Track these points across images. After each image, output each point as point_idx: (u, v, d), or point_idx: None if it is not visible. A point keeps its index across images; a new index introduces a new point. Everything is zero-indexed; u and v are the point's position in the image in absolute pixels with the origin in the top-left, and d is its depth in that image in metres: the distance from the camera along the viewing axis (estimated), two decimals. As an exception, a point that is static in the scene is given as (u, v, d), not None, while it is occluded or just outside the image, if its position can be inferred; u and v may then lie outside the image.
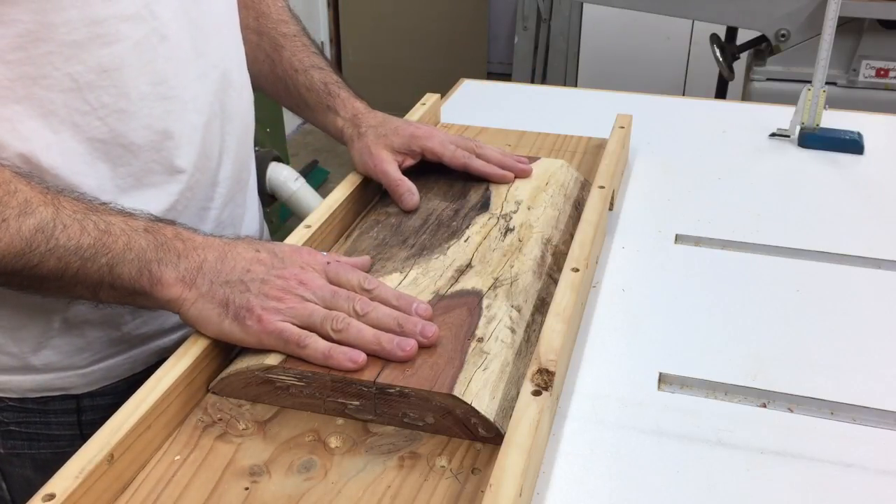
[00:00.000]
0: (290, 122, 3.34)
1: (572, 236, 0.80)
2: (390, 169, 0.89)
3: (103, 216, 0.64)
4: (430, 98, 1.16)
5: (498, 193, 0.89)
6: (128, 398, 0.60)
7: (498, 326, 0.68)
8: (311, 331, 0.63)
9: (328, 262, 0.68)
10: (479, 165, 0.91)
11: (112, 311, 0.74)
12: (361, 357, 0.62)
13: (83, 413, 0.77)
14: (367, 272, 0.72)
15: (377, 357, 0.63)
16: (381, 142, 0.91)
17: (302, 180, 2.30)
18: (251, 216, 0.89)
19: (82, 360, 0.75)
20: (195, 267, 0.64)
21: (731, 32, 2.26)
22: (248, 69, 0.86)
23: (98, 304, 0.66)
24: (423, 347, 0.64)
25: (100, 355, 0.76)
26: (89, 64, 0.65)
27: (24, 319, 0.71)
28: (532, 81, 3.75)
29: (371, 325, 0.64)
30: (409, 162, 0.92)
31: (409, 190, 0.87)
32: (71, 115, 0.66)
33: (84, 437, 0.56)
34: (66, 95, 0.65)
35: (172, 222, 0.68)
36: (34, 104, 0.64)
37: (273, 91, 0.97)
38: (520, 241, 0.80)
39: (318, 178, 3.15)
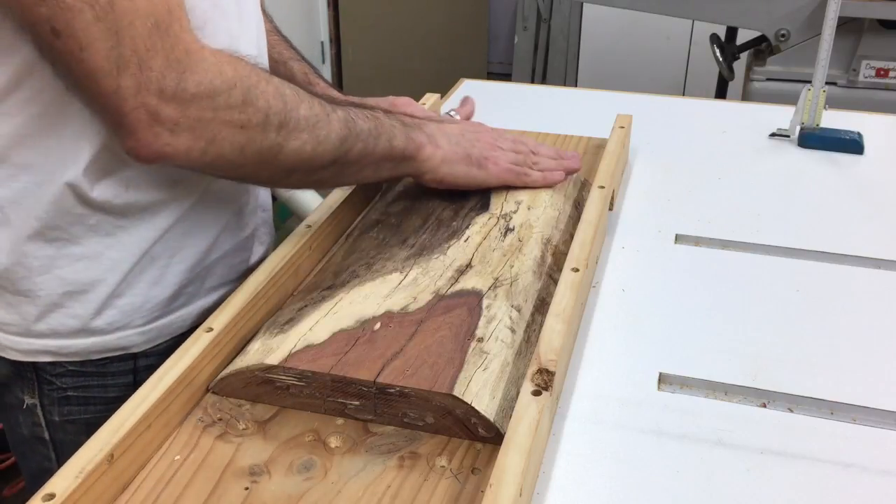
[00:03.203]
0: (290, 122, 3.34)
1: (572, 236, 0.81)
2: None
3: (361, 108, 0.78)
4: (430, 98, 1.16)
5: (498, 193, 0.89)
6: None
7: (498, 326, 0.68)
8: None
9: (491, 128, 0.91)
10: None
11: (164, 269, 0.77)
12: (562, 175, 0.90)
13: (139, 373, 0.80)
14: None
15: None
16: None
17: (302, 180, 2.29)
18: (265, 193, 0.92)
19: (141, 318, 0.78)
20: (431, 133, 0.82)
21: (731, 32, 2.26)
22: None
23: (376, 181, 0.82)
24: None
25: (157, 313, 0.79)
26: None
27: (89, 282, 0.74)
28: (532, 81, 3.75)
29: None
30: None
31: None
32: None
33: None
34: None
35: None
36: None
37: None
38: (520, 241, 0.80)
39: (318, 178, 3.14)
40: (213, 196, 0.79)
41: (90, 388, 0.79)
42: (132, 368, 0.79)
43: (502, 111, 1.29)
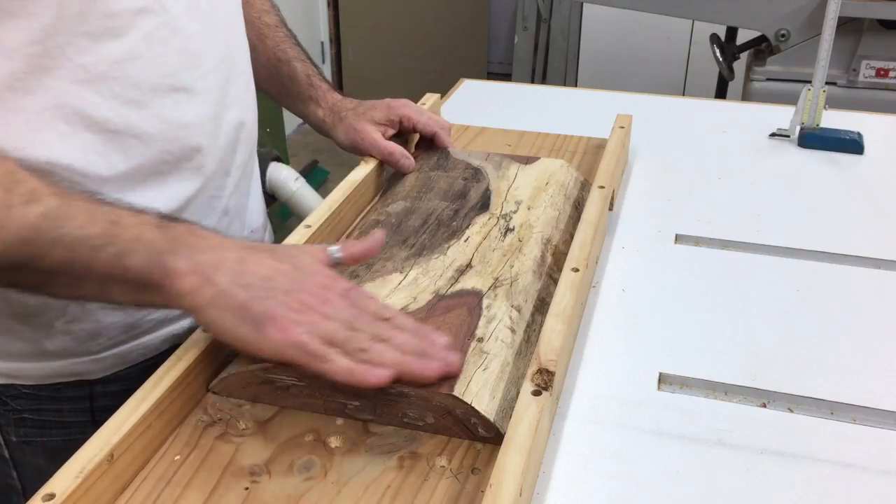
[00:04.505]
0: (290, 122, 3.34)
1: (572, 236, 0.81)
2: (378, 138, 0.96)
3: (113, 209, 0.62)
4: (430, 98, 1.16)
5: (498, 193, 0.89)
6: (140, 385, 0.60)
7: (498, 326, 0.68)
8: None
9: (349, 288, 0.65)
10: (446, 140, 1.00)
11: None
12: (386, 375, 0.59)
13: (96, 400, 0.78)
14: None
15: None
16: (362, 118, 0.98)
17: (302, 180, 2.30)
18: (254, 203, 0.90)
19: (96, 346, 0.76)
20: (212, 263, 0.61)
21: (731, 32, 2.26)
22: None
23: (108, 304, 0.65)
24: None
25: (114, 341, 0.76)
26: (101, 55, 0.66)
27: (38, 305, 0.72)
28: (532, 81, 3.75)
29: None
30: (391, 132, 0.99)
31: (403, 155, 0.95)
32: (84, 106, 0.67)
33: (96, 424, 0.56)
34: (79, 87, 0.66)
35: (186, 221, 0.65)
36: (48, 95, 0.65)
37: (255, 76, 0.99)
38: (520, 241, 0.80)
39: (318, 178, 3.15)
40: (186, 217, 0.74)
41: (45, 412, 0.77)
42: (88, 395, 0.77)
43: (502, 111, 1.29)
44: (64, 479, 0.53)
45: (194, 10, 0.73)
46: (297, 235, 0.81)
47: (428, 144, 1.02)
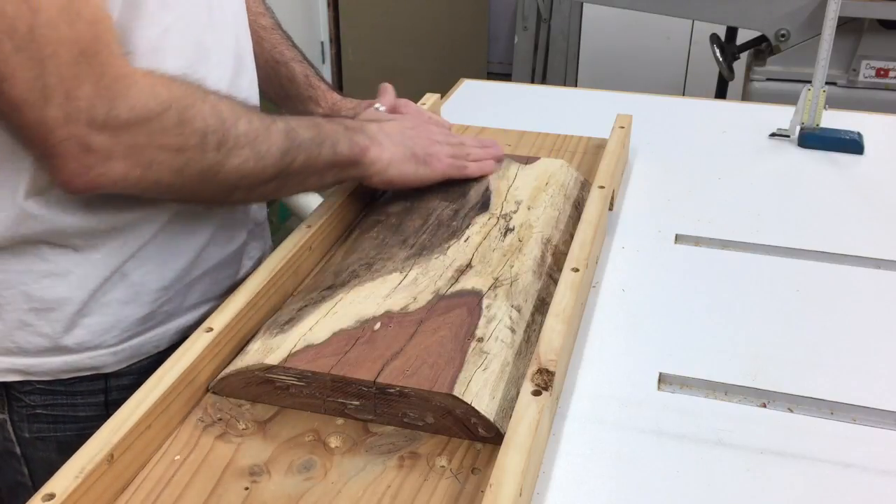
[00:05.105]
0: (290, 122, 3.34)
1: (572, 236, 0.81)
2: None
3: (305, 117, 0.79)
4: (430, 98, 1.16)
5: (498, 193, 0.89)
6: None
7: (498, 326, 0.68)
8: None
9: (428, 122, 0.93)
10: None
11: (139, 287, 0.76)
12: (491, 164, 0.92)
13: (110, 393, 0.78)
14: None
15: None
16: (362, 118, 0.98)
17: (302, 180, 2.29)
18: (257, 205, 0.90)
19: (112, 339, 0.76)
20: (373, 134, 0.82)
21: (731, 32, 2.26)
22: None
23: (320, 188, 0.83)
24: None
25: (129, 333, 0.77)
26: (127, 47, 0.67)
27: (56, 300, 0.72)
28: (532, 81, 3.75)
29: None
30: None
31: None
32: None
33: (110, 417, 0.58)
34: None
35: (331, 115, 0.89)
36: None
37: None
38: (520, 241, 0.80)
39: (318, 178, 3.14)
40: (193, 211, 0.77)
41: (59, 406, 0.77)
42: (103, 388, 0.78)
43: (502, 111, 1.29)
44: (64, 479, 0.53)
45: (205, 5, 0.75)
46: (297, 235, 0.81)
47: None
